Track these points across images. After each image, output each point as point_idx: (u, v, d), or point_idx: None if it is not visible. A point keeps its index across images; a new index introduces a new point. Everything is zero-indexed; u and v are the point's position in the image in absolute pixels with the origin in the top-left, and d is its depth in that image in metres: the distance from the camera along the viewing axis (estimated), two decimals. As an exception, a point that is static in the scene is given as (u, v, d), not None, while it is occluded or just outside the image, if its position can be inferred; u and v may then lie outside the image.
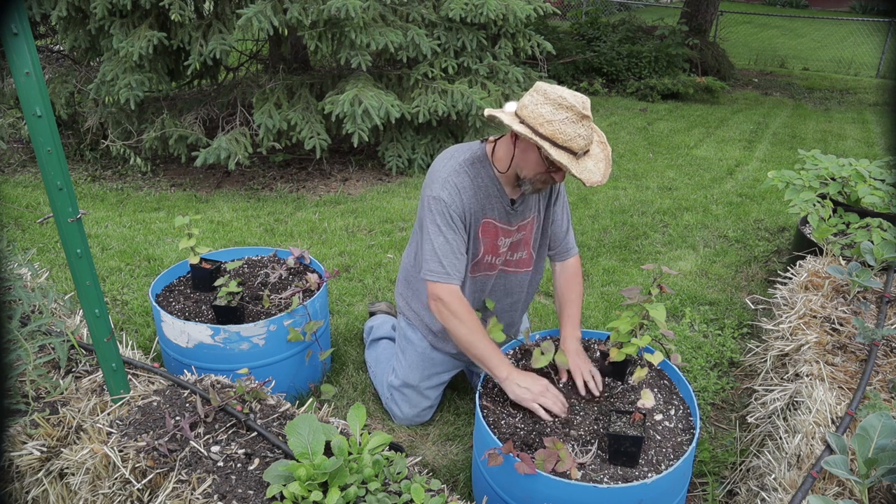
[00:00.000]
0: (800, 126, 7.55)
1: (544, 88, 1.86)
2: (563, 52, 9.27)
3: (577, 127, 1.82)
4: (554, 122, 1.81)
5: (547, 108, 1.82)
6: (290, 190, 5.15)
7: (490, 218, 2.14)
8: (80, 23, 4.96)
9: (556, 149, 1.83)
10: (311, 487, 1.50)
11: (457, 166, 2.07)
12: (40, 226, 4.18)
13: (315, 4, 4.38)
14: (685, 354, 2.91)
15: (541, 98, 1.85)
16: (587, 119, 1.83)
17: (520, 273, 2.34)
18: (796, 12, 19.17)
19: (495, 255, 2.23)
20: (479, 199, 2.09)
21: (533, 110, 1.85)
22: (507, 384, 1.97)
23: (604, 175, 1.90)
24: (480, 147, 2.13)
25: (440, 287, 2.06)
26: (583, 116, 1.82)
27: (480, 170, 2.09)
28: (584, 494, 1.65)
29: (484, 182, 2.09)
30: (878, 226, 2.91)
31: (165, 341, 2.48)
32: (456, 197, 2.04)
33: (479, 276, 2.27)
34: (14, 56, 1.37)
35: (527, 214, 2.21)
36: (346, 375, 2.79)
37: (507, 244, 2.23)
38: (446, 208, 2.03)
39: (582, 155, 1.88)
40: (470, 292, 2.28)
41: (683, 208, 4.80)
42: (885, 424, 1.56)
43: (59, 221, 1.56)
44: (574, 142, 1.83)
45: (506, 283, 2.34)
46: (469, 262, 2.20)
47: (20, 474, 1.82)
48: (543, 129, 1.83)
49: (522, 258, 2.31)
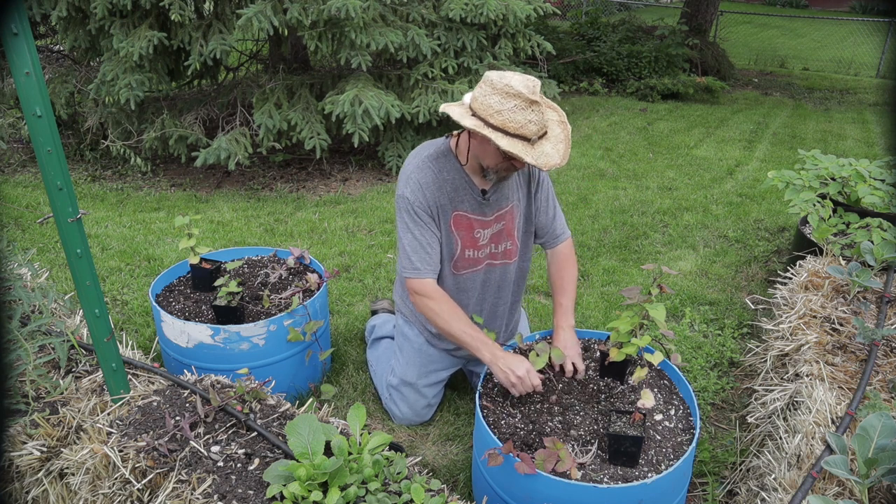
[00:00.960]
0: (800, 126, 7.55)
1: (491, 78, 1.85)
2: (563, 52, 9.27)
3: (527, 113, 1.81)
4: (503, 111, 1.81)
5: (495, 99, 1.82)
6: (290, 190, 5.15)
7: (461, 211, 2.16)
8: (80, 23, 4.96)
9: (507, 138, 1.83)
10: (311, 487, 1.50)
11: (420, 163, 2.12)
12: (40, 226, 4.18)
13: (315, 4, 4.38)
14: (685, 354, 2.91)
15: (488, 89, 1.84)
16: (536, 104, 1.82)
17: (508, 264, 2.33)
18: (796, 12, 19.17)
19: (475, 248, 2.22)
20: (445, 193, 2.12)
21: (482, 102, 1.85)
22: (492, 366, 2.00)
23: (563, 156, 1.89)
24: (444, 142, 2.17)
25: (414, 282, 2.13)
26: (531, 102, 1.81)
27: (445, 164, 2.12)
28: (584, 494, 1.65)
29: (450, 175, 2.12)
30: (878, 226, 2.91)
31: (165, 341, 2.48)
32: (419, 193, 2.08)
33: (464, 274, 2.26)
34: (14, 56, 1.37)
35: (503, 204, 2.21)
36: (346, 375, 2.79)
37: (487, 236, 2.23)
38: (410, 205, 2.09)
39: (537, 139, 1.87)
40: (457, 291, 2.27)
41: (683, 208, 4.80)
42: (885, 424, 1.56)
43: (59, 221, 1.56)
44: (526, 128, 1.82)
45: (495, 276, 2.33)
46: (448, 259, 2.21)
47: (20, 474, 1.82)
48: (494, 119, 1.83)
49: (508, 248, 2.30)
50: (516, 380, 1.94)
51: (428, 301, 2.12)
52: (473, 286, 2.31)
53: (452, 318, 2.09)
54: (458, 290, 2.28)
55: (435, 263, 2.15)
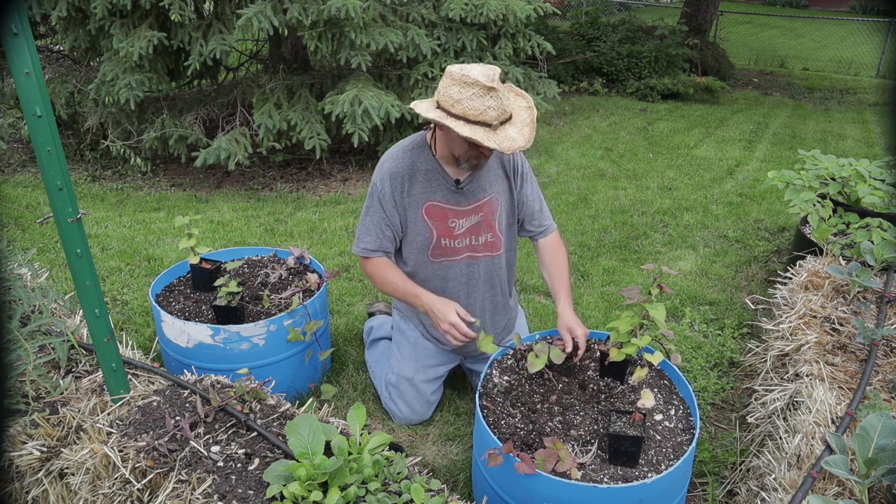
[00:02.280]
0: (800, 126, 7.55)
1: (451, 70, 1.93)
2: (563, 52, 9.27)
3: (485, 100, 1.88)
4: (462, 100, 1.89)
5: (455, 89, 1.90)
6: (290, 190, 5.15)
7: (433, 200, 2.23)
8: (80, 23, 4.96)
9: (469, 126, 1.90)
10: (311, 487, 1.50)
11: (395, 153, 2.23)
12: (40, 226, 4.18)
13: (315, 4, 4.38)
14: (685, 354, 2.91)
15: (449, 80, 1.93)
16: (494, 90, 1.88)
17: (493, 257, 2.37)
18: (796, 12, 19.16)
19: (451, 237, 2.28)
20: (417, 183, 2.21)
21: (444, 93, 1.93)
22: (429, 313, 2.18)
23: (527, 139, 1.95)
24: (422, 135, 2.27)
25: (362, 259, 2.32)
26: (489, 89, 1.87)
27: (419, 155, 2.22)
28: (584, 494, 1.65)
29: (423, 166, 2.21)
30: (878, 226, 2.91)
31: (165, 341, 2.48)
32: (388, 183, 2.20)
33: (442, 262, 2.31)
34: (14, 56, 1.37)
35: (479, 195, 2.26)
36: (346, 375, 2.79)
37: (464, 226, 2.27)
38: (377, 192, 2.22)
39: (499, 125, 1.93)
40: (439, 280, 2.33)
41: (683, 208, 4.80)
42: (885, 424, 1.56)
43: (59, 221, 1.56)
44: (485, 114, 1.89)
45: (482, 269, 2.36)
46: (424, 248, 2.28)
47: (20, 474, 1.82)
48: (455, 108, 1.91)
49: (489, 241, 2.33)
50: (448, 327, 2.10)
51: (372, 267, 2.29)
52: (455, 276, 2.34)
53: (387, 277, 2.26)
54: (439, 278, 2.33)
55: (385, 245, 2.28)
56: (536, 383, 2.10)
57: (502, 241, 2.36)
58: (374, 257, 2.28)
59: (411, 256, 2.32)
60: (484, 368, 2.15)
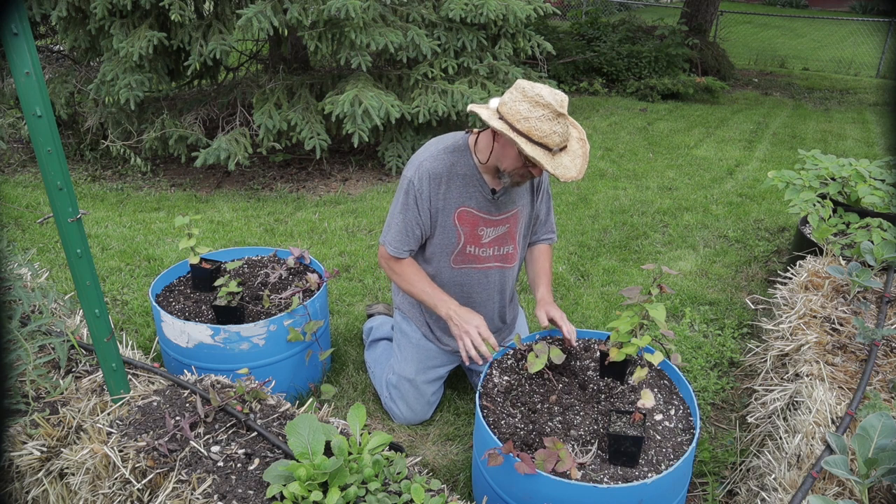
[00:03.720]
0: (800, 126, 7.55)
1: (523, 86, 1.92)
2: (563, 52, 9.27)
3: (553, 124, 1.88)
4: (530, 118, 1.88)
5: (524, 106, 1.89)
6: (290, 190, 5.15)
7: (467, 206, 2.21)
8: (80, 23, 4.96)
9: (531, 145, 1.90)
10: (311, 487, 1.50)
11: (435, 153, 2.18)
12: (40, 226, 4.18)
13: (315, 4, 4.38)
14: (685, 354, 2.91)
15: (519, 95, 1.91)
16: (563, 117, 1.90)
17: (507, 269, 2.39)
18: (796, 12, 19.17)
19: (478, 245, 2.27)
20: (454, 187, 2.18)
21: (511, 107, 1.92)
22: (448, 321, 2.16)
23: (579, 171, 1.97)
24: (464, 137, 2.22)
25: (391, 257, 2.27)
26: (558, 114, 1.88)
27: (459, 158, 2.18)
28: (584, 494, 1.65)
29: (462, 171, 2.18)
30: (878, 226, 2.91)
31: (165, 341, 2.48)
32: (425, 183, 2.15)
33: (463, 269, 2.31)
34: (14, 56, 1.37)
35: (510, 207, 2.27)
36: (346, 375, 2.79)
37: (492, 236, 2.28)
38: (414, 190, 2.16)
39: (558, 151, 1.94)
40: (454, 284, 2.32)
41: (683, 208, 4.80)
42: (885, 424, 1.56)
43: (59, 221, 1.56)
44: (549, 138, 1.89)
45: (497, 279, 2.38)
46: (448, 252, 2.27)
47: (20, 474, 1.82)
48: (520, 125, 1.89)
49: (510, 253, 2.35)
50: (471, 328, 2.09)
51: (394, 265, 2.26)
52: (470, 283, 2.34)
53: (414, 279, 2.24)
54: (454, 284, 2.33)
55: (410, 246, 2.25)
56: (536, 383, 2.10)
57: (518, 253, 2.39)
58: (400, 257, 2.25)
59: (434, 258, 2.30)
60: (484, 368, 2.15)
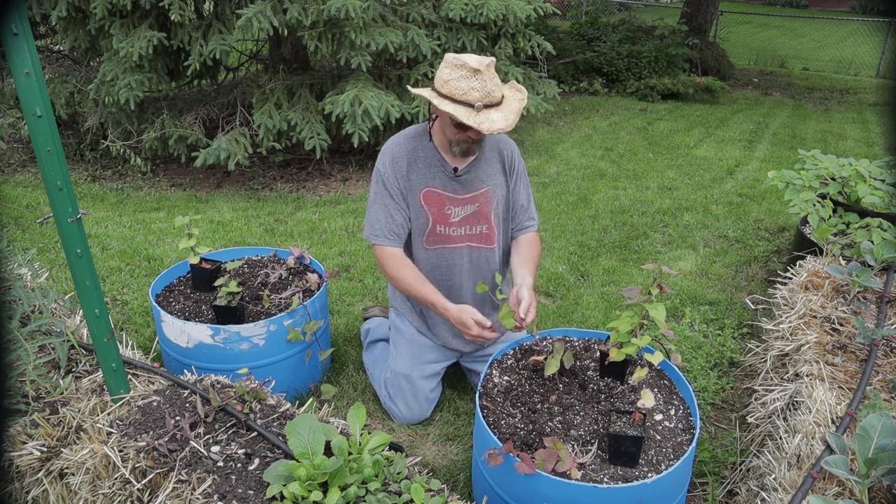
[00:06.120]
0: (800, 126, 7.55)
1: (449, 56, 2.05)
2: (563, 52, 9.27)
3: (471, 81, 1.99)
4: (450, 81, 2.02)
5: (446, 71, 2.04)
6: (290, 190, 5.15)
7: (431, 186, 2.30)
8: (80, 23, 4.96)
9: (453, 104, 2.01)
10: (311, 487, 1.50)
11: (398, 140, 2.32)
12: (40, 226, 4.18)
13: (315, 4, 4.38)
14: (685, 354, 2.91)
15: (443, 64, 2.06)
16: (479, 73, 1.99)
17: (485, 249, 2.41)
18: (796, 12, 19.16)
19: (447, 224, 2.33)
20: (417, 169, 2.29)
21: (437, 76, 2.08)
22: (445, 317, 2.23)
23: (508, 123, 2.03)
24: (424, 125, 2.37)
25: (376, 248, 2.34)
26: (475, 71, 1.98)
27: (419, 143, 2.31)
28: (584, 494, 1.65)
29: (423, 153, 2.29)
30: (878, 226, 2.91)
31: (165, 341, 2.48)
32: (389, 167, 2.28)
33: (436, 249, 2.36)
34: (14, 56, 1.37)
35: (476, 185, 2.32)
36: (346, 375, 2.79)
37: (461, 215, 2.33)
38: (381, 177, 2.29)
39: (484, 108, 2.01)
40: (430, 266, 2.38)
41: (683, 208, 4.80)
42: (885, 424, 1.56)
43: (59, 221, 1.56)
44: (469, 95, 2.00)
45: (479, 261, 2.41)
46: (420, 233, 2.34)
47: (20, 474, 1.82)
48: (443, 89, 2.04)
49: (484, 232, 2.38)
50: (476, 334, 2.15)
51: (385, 258, 2.31)
52: (446, 264, 2.38)
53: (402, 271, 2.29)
54: (431, 265, 2.38)
55: (399, 232, 2.32)
56: (536, 383, 2.10)
57: (497, 235, 2.40)
58: (385, 245, 2.31)
59: (409, 241, 2.38)
60: (484, 368, 2.15)
